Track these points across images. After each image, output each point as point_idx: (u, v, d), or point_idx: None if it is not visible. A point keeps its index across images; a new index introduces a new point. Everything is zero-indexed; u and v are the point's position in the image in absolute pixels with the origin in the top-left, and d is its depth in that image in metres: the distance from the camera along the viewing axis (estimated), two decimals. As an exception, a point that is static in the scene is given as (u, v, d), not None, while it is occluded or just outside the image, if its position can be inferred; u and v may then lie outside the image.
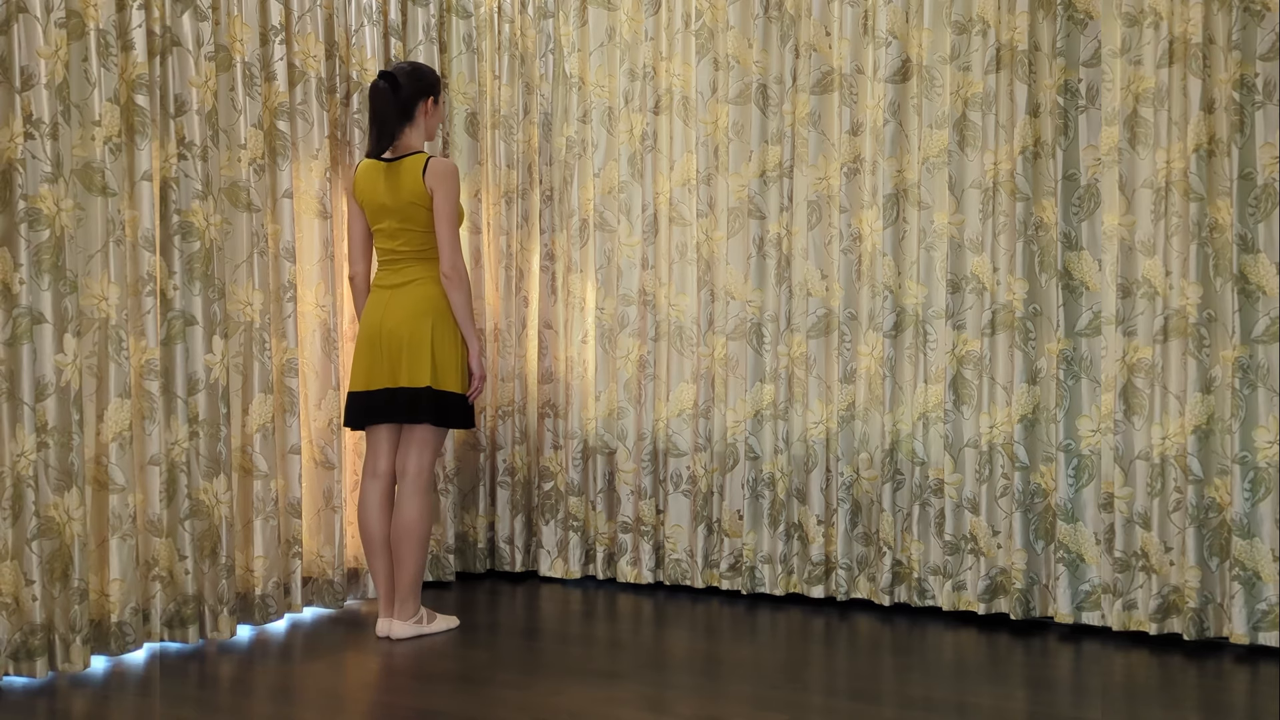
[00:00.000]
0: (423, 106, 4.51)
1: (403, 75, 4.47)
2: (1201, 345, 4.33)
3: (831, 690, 4.00)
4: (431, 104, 4.53)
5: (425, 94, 4.51)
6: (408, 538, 4.45)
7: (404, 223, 4.45)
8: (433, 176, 4.40)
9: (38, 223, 3.93)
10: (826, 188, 4.96)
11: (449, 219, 4.43)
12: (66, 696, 3.86)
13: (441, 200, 4.41)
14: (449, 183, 4.41)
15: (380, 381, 4.47)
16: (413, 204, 4.42)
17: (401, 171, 4.44)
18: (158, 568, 4.29)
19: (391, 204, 4.45)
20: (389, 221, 4.47)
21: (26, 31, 3.91)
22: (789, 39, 5.01)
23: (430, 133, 4.57)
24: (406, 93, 4.45)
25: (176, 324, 4.37)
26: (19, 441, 3.89)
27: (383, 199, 4.47)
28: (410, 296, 4.44)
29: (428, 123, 4.55)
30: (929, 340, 4.80)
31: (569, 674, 4.11)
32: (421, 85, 4.50)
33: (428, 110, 4.53)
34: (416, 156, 4.45)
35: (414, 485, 4.48)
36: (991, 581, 4.68)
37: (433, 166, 4.41)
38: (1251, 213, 4.26)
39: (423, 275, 4.46)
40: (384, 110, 4.44)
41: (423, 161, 4.42)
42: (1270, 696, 3.81)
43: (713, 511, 5.18)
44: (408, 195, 4.42)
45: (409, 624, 4.49)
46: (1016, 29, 4.59)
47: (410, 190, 4.41)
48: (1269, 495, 4.24)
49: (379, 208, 4.49)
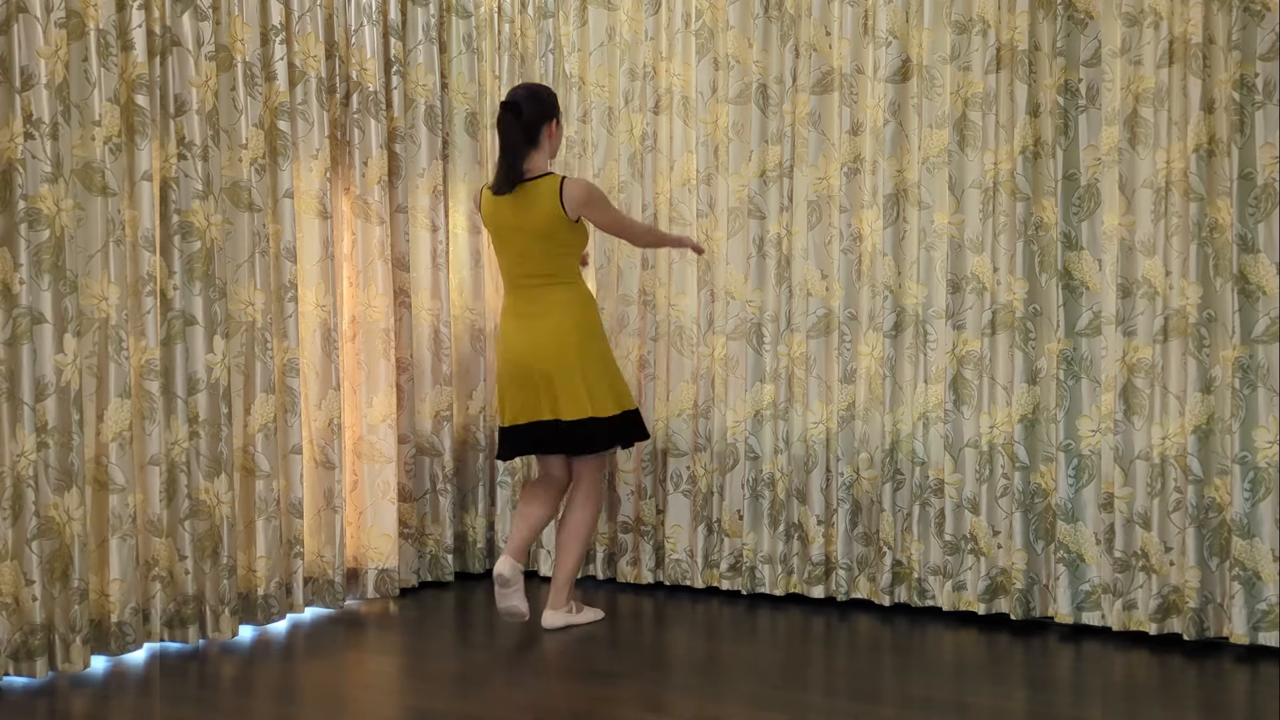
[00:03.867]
0: (547, 130, 4.52)
1: (524, 101, 4.48)
2: (1201, 345, 4.33)
3: (831, 690, 4.00)
4: (555, 126, 4.55)
5: (548, 117, 4.52)
6: (573, 538, 4.59)
7: (536, 242, 4.46)
8: (573, 201, 4.43)
9: (38, 223, 3.93)
10: (826, 188, 4.96)
11: (617, 223, 4.58)
12: (66, 696, 3.86)
13: (600, 216, 4.52)
14: (596, 199, 4.48)
15: (534, 414, 4.52)
16: (548, 223, 4.44)
17: (533, 193, 4.45)
18: (158, 568, 4.29)
19: (521, 224, 4.46)
20: (517, 242, 4.50)
21: (26, 31, 3.91)
22: (789, 39, 5.01)
23: (553, 153, 4.59)
24: (530, 118, 4.47)
25: (177, 324, 4.37)
26: (19, 441, 3.89)
27: (510, 220, 4.48)
28: (550, 323, 4.47)
29: (551, 145, 4.56)
30: (929, 340, 4.80)
31: (569, 674, 4.11)
32: (544, 108, 4.52)
33: (551, 133, 4.54)
34: (549, 178, 4.47)
35: (585, 494, 4.63)
36: (991, 581, 4.69)
37: (569, 190, 4.44)
38: (1251, 213, 4.26)
39: (558, 300, 4.49)
40: (512, 141, 4.45)
41: (557, 183, 4.44)
42: (1270, 696, 3.81)
43: (713, 511, 5.18)
44: (542, 216, 4.44)
45: (560, 613, 4.58)
46: (1016, 29, 4.59)
47: (545, 210, 4.43)
48: (1269, 495, 4.24)
49: (507, 229, 4.50)
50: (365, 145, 5.03)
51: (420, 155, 5.26)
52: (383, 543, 5.08)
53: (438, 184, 5.31)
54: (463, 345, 5.49)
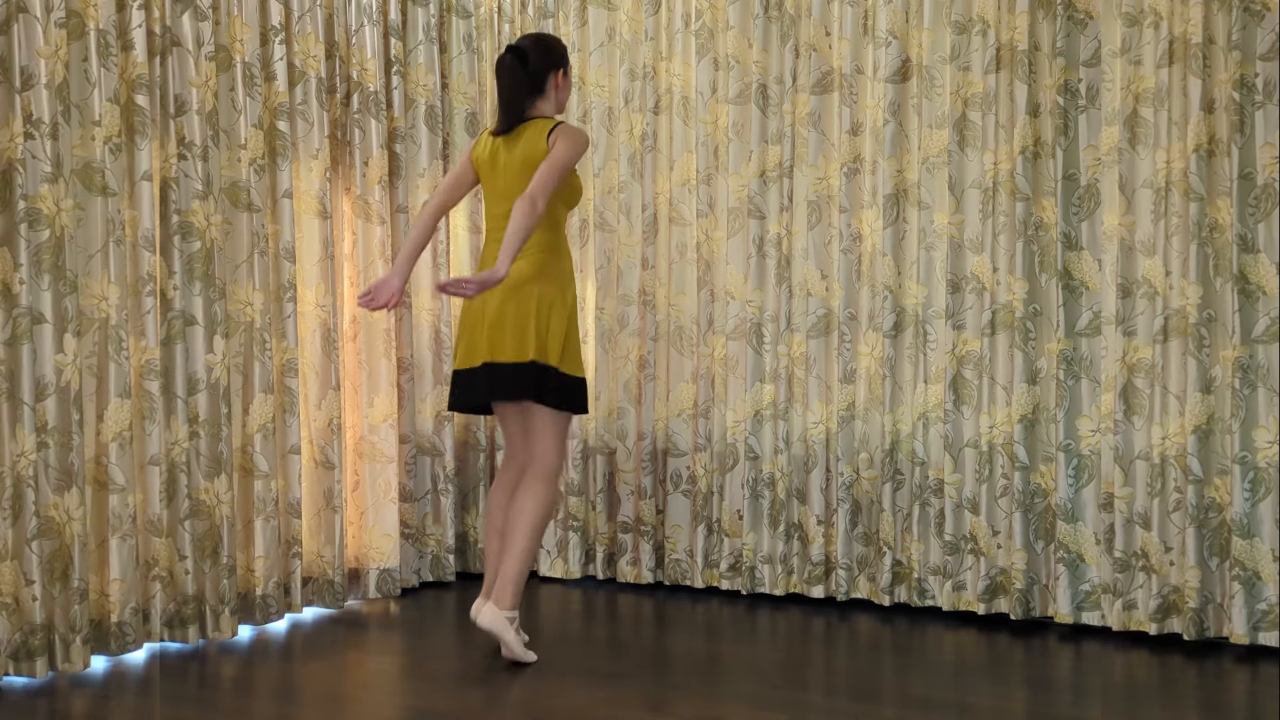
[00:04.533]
0: (553, 79, 4.27)
1: (531, 48, 4.23)
2: (1201, 345, 4.32)
3: (831, 690, 4.00)
4: (562, 76, 4.28)
5: (555, 66, 4.27)
6: (516, 528, 4.17)
7: (519, 179, 4.15)
8: (559, 134, 4.13)
9: (38, 223, 3.93)
10: (826, 188, 4.96)
11: (557, 165, 4.07)
12: (66, 696, 3.86)
13: (559, 150, 4.10)
14: (575, 140, 4.13)
15: (480, 357, 4.19)
16: (530, 163, 4.14)
17: (526, 131, 4.20)
18: (158, 568, 4.29)
19: (508, 163, 4.20)
20: (504, 178, 4.21)
21: (26, 31, 3.91)
22: (789, 39, 5.01)
23: (561, 106, 4.31)
24: (536, 65, 4.22)
25: (176, 324, 4.37)
26: (19, 441, 3.89)
27: (502, 158, 4.22)
28: (518, 266, 4.12)
29: (558, 96, 4.30)
30: (929, 340, 4.80)
31: (569, 674, 4.11)
32: (551, 57, 4.26)
33: (558, 83, 4.28)
34: (544, 120, 4.21)
35: (532, 474, 4.22)
36: (991, 581, 4.68)
37: (561, 129, 4.15)
38: (1251, 213, 4.26)
39: (533, 245, 4.16)
40: (513, 85, 4.22)
41: (552, 124, 4.18)
42: (1270, 696, 3.81)
43: (713, 511, 5.18)
44: (527, 153, 4.16)
45: (501, 614, 4.14)
46: (1016, 29, 4.59)
47: (532, 149, 4.16)
48: (1269, 495, 4.24)
49: (496, 166, 4.24)
50: (365, 145, 5.04)
51: (420, 155, 5.26)
52: (384, 543, 5.08)
53: (438, 184, 5.31)
54: (463, 345, 5.49)
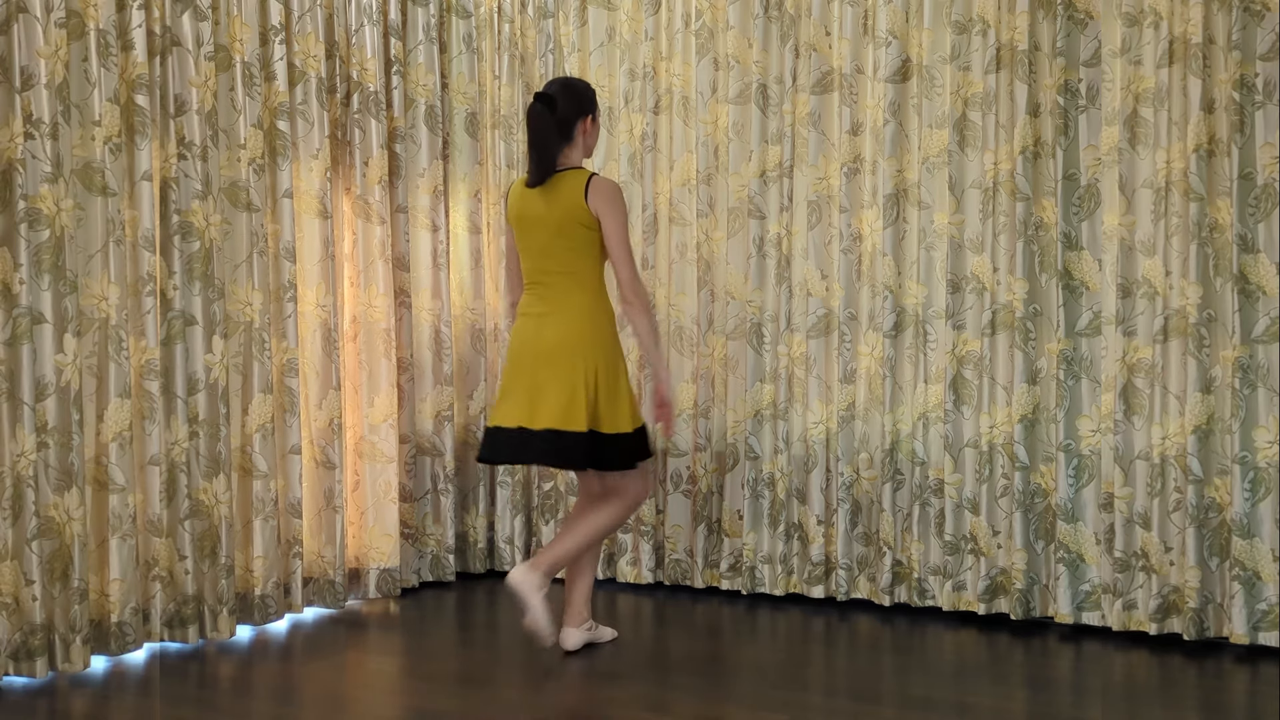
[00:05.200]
0: (581, 125, 4.26)
1: (559, 94, 4.22)
2: (1201, 345, 4.32)
3: (831, 690, 4.00)
4: (590, 122, 4.28)
5: (584, 112, 4.27)
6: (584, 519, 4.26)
7: (557, 237, 4.19)
8: (597, 197, 4.16)
9: (38, 223, 3.93)
10: (826, 188, 4.96)
11: (620, 240, 4.17)
12: (66, 696, 3.86)
13: (610, 222, 4.16)
14: (615, 204, 4.17)
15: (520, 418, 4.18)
16: (569, 218, 4.17)
17: (560, 186, 4.20)
18: (158, 568, 4.29)
19: (545, 216, 4.20)
20: (539, 236, 4.22)
21: (26, 31, 3.91)
22: (789, 39, 5.01)
23: (589, 150, 4.33)
24: (564, 113, 4.22)
25: (176, 324, 4.37)
26: (19, 441, 3.89)
27: (536, 211, 4.22)
28: (561, 324, 4.18)
29: (586, 141, 4.30)
30: (929, 340, 4.80)
31: (569, 674, 4.11)
32: (580, 103, 4.26)
33: (586, 129, 4.28)
34: (577, 172, 4.22)
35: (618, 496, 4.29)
36: (991, 581, 4.68)
37: (596, 185, 4.17)
38: (1251, 213, 4.26)
39: (573, 303, 4.20)
40: (543, 134, 4.20)
41: (585, 178, 4.18)
42: (1270, 696, 3.81)
43: (713, 511, 5.18)
44: (565, 209, 4.18)
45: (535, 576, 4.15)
46: (1016, 29, 4.59)
47: (569, 204, 4.17)
48: (1269, 495, 4.24)
49: (531, 221, 4.24)
50: (365, 145, 5.04)
51: (420, 155, 5.26)
52: (384, 543, 5.08)
53: (438, 184, 5.31)
54: (463, 345, 5.49)
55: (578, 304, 4.20)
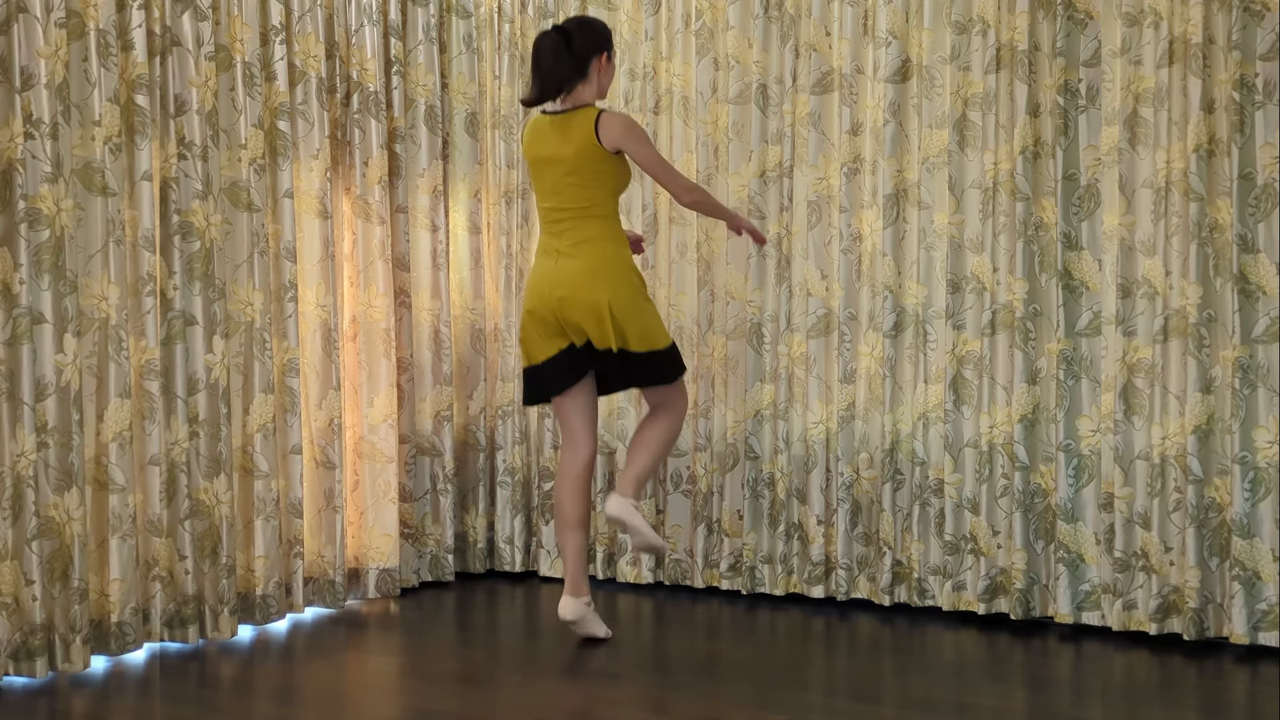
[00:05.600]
0: (597, 62, 4.25)
1: (576, 29, 4.24)
2: (1201, 345, 4.32)
3: (831, 690, 4.00)
4: (606, 60, 4.27)
5: (600, 49, 4.26)
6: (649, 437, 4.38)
7: (569, 175, 4.22)
8: (609, 133, 4.18)
9: (38, 223, 3.93)
10: (826, 188, 4.96)
11: (656, 163, 4.25)
12: (66, 696, 3.86)
13: (636, 151, 4.22)
14: (632, 132, 4.20)
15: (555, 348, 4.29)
16: (582, 156, 4.20)
17: (573, 123, 4.22)
18: (158, 568, 4.29)
19: (558, 154, 4.22)
20: (552, 175, 4.26)
21: (26, 31, 3.91)
22: (789, 39, 5.01)
23: (603, 90, 4.32)
24: (581, 47, 4.22)
25: (176, 324, 4.37)
26: (19, 441, 3.89)
27: (549, 150, 4.24)
28: (579, 263, 4.23)
29: (601, 80, 4.29)
30: (929, 340, 4.80)
31: (569, 674, 4.11)
32: (596, 39, 4.26)
33: (601, 67, 4.27)
34: (587, 110, 4.23)
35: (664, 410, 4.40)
36: (991, 581, 4.68)
37: (605, 121, 4.19)
38: (1251, 213, 4.26)
39: (589, 236, 4.25)
40: (554, 63, 4.20)
41: (594, 115, 4.20)
42: (1270, 696, 3.81)
43: (713, 511, 5.18)
44: (577, 147, 4.19)
45: (628, 501, 4.26)
46: (1016, 29, 4.59)
47: (581, 142, 4.19)
48: (1269, 495, 4.24)
49: (544, 160, 4.26)
50: (365, 145, 5.04)
51: (420, 155, 5.26)
52: (383, 543, 5.08)
53: (438, 184, 5.31)
54: (463, 345, 5.49)
55: (592, 237, 4.26)
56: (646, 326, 4.29)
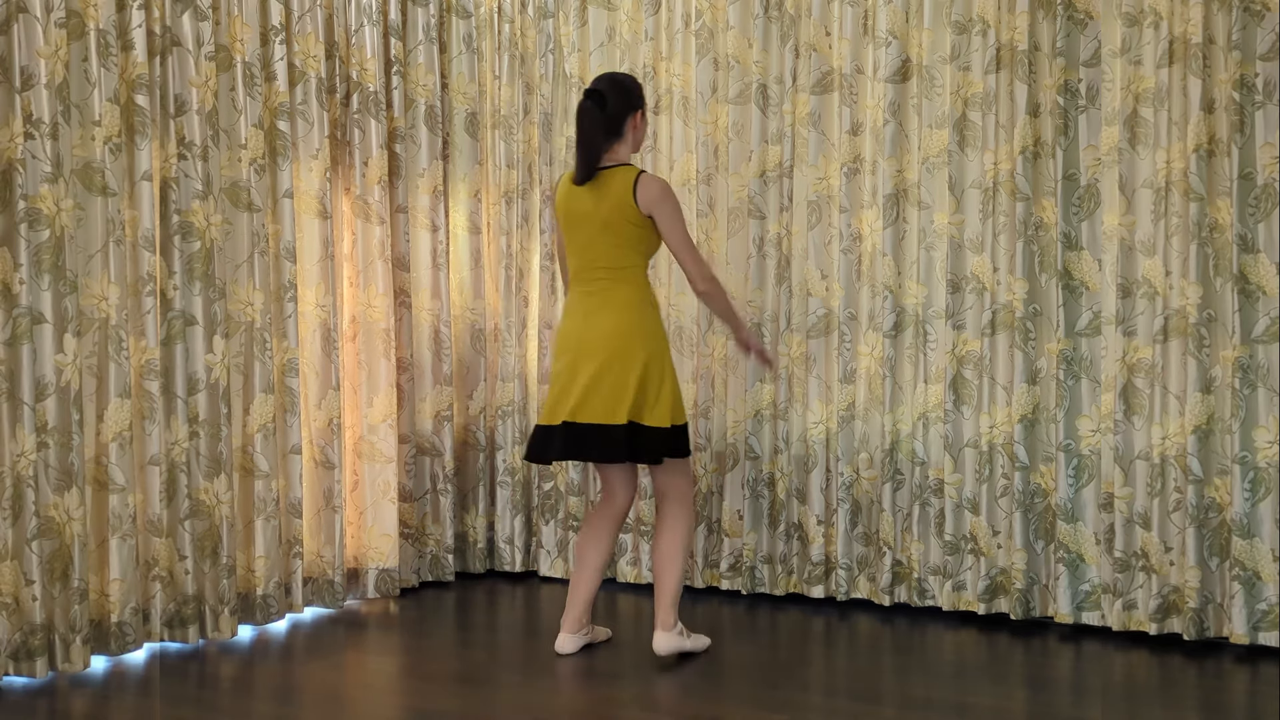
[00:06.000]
0: (631, 121, 4.23)
1: (608, 90, 4.21)
2: (1201, 345, 4.33)
3: (831, 690, 4.00)
4: (639, 118, 4.26)
5: (634, 108, 4.24)
6: (667, 554, 4.25)
7: (603, 233, 4.17)
8: (646, 194, 4.13)
9: (38, 223, 3.93)
10: (826, 188, 4.96)
11: (680, 235, 4.16)
12: (66, 696, 3.86)
13: (665, 222, 4.15)
14: (666, 199, 4.15)
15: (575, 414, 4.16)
16: (616, 215, 4.15)
17: (608, 183, 4.17)
18: (158, 568, 4.29)
19: (592, 213, 4.18)
20: (586, 232, 4.21)
21: (26, 31, 3.91)
22: (789, 39, 5.01)
23: (638, 145, 4.30)
24: (614, 109, 4.19)
25: (176, 324, 4.37)
26: (19, 441, 3.89)
27: (583, 208, 4.20)
28: (608, 319, 4.17)
29: (635, 136, 4.27)
30: (929, 340, 4.80)
31: (569, 674, 4.11)
32: (629, 99, 4.23)
33: (635, 124, 4.25)
34: (626, 169, 4.19)
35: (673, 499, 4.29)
36: (991, 581, 4.68)
37: (644, 183, 4.14)
38: (1251, 213, 4.26)
39: (621, 298, 4.19)
40: (591, 131, 4.18)
41: (633, 176, 4.16)
42: (1270, 696, 3.81)
43: (713, 511, 5.18)
44: (612, 205, 4.15)
45: (672, 635, 4.21)
46: (1016, 29, 4.59)
47: (617, 201, 4.15)
48: (1269, 495, 4.24)
49: (578, 218, 4.22)
50: (365, 145, 5.04)
51: (420, 155, 5.26)
52: (383, 543, 5.08)
53: (438, 184, 5.31)
54: (463, 345, 5.49)
55: (624, 299, 4.19)
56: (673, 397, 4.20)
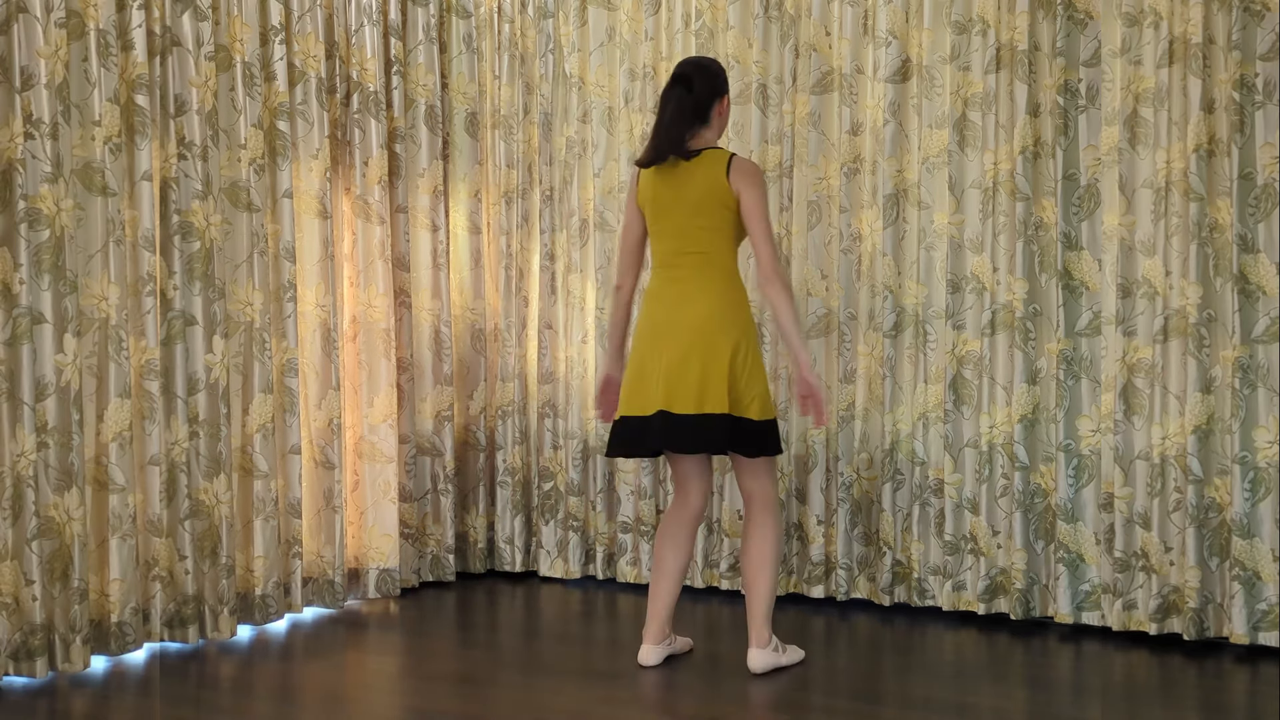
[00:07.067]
0: (718, 106, 4.12)
1: (695, 75, 4.08)
2: (1201, 345, 4.32)
3: (831, 690, 4.00)
4: (725, 104, 4.14)
5: (720, 93, 4.11)
6: (757, 566, 4.09)
7: (695, 217, 4.03)
8: (739, 175, 4.00)
9: (38, 223, 3.93)
10: (826, 188, 4.96)
11: (762, 218, 4.00)
12: (66, 696, 3.86)
13: (751, 201, 3.99)
14: (757, 181, 4.02)
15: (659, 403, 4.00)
16: (709, 197, 4.02)
17: (700, 166, 4.04)
18: (158, 568, 4.29)
19: (683, 196, 4.05)
20: (676, 217, 4.07)
21: (26, 31, 3.91)
22: (789, 39, 5.01)
23: (721, 131, 4.17)
24: (701, 95, 4.07)
25: (176, 324, 4.37)
26: (19, 441, 3.89)
27: (673, 192, 4.06)
28: (700, 305, 4.02)
29: (720, 122, 4.15)
30: (929, 340, 4.80)
31: (569, 674, 4.11)
32: (715, 84, 4.10)
33: (721, 110, 4.13)
34: (717, 152, 4.06)
35: (758, 508, 4.12)
36: (991, 581, 4.68)
37: (738, 164, 4.02)
38: (1251, 213, 4.26)
39: (711, 284, 4.04)
40: (678, 114, 4.05)
41: (726, 157, 4.03)
42: (1270, 696, 3.81)
43: (713, 511, 5.18)
44: (705, 188, 4.02)
45: (767, 651, 4.08)
46: (1016, 29, 4.59)
47: (710, 183, 4.02)
48: (1269, 495, 4.24)
49: (666, 202, 4.08)
50: (365, 145, 5.04)
51: (420, 155, 5.26)
52: (383, 543, 5.08)
53: (438, 184, 5.31)
54: (463, 345, 5.50)
55: (715, 284, 4.05)
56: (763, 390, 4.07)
